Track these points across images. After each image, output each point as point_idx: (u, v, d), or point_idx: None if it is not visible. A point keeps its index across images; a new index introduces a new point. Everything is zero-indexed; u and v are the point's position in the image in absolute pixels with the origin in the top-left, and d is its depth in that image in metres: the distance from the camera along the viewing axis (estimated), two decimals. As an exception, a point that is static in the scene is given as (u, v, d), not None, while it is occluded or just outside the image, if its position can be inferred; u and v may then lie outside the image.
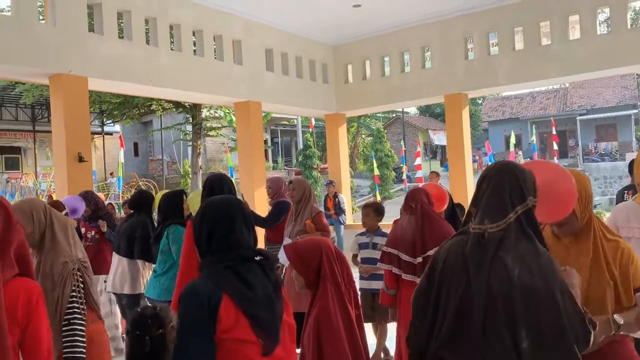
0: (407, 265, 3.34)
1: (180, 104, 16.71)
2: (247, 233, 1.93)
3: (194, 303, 1.75)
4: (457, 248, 1.85)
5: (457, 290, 1.79)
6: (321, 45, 10.56)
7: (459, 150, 9.72)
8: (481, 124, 38.15)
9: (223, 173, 3.92)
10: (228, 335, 1.75)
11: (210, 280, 1.80)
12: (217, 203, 1.99)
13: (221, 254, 1.87)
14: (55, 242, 2.48)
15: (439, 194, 3.65)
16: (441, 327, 1.79)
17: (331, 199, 11.04)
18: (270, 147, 29.64)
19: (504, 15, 9.10)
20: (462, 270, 1.79)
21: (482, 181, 1.89)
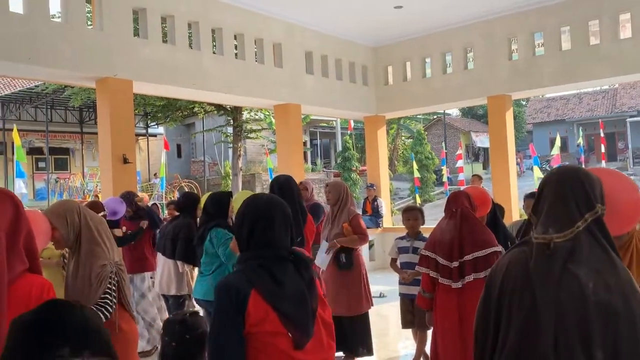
0: (444, 269, 3.29)
1: (222, 106, 16.94)
2: (285, 234, 1.97)
3: (225, 297, 1.81)
4: (517, 260, 1.69)
5: (520, 306, 1.63)
6: (361, 47, 10.52)
7: (503, 152, 9.49)
8: (525, 125, 37.25)
9: (290, 176, 4.01)
10: (258, 328, 1.79)
11: (242, 275, 1.85)
12: (260, 201, 2.02)
13: (258, 252, 1.91)
14: (93, 244, 2.52)
15: (482, 198, 3.56)
16: (504, 346, 1.65)
17: (370, 202, 10.99)
18: (309, 149, 29.73)
19: (550, 15, 8.84)
20: (524, 284, 1.64)
21: (544, 187, 1.75)
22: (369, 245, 10.23)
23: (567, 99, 36.87)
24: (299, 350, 1.85)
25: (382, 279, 8.25)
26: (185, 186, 22.09)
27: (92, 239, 2.52)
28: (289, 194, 3.84)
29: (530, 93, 10.76)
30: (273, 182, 3.94)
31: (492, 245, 3.20)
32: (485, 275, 3.18)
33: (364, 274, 5.04)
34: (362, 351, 5.06)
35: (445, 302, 3.34)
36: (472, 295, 3.22)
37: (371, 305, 5.08)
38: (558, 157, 22.11)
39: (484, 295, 1.79)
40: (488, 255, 3.18)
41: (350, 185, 22.75)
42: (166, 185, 20.50)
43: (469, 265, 3.20)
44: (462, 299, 3.25)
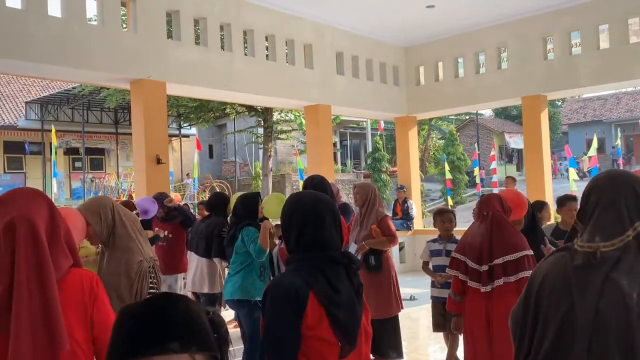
0: (473, 272, 3.24)
1: (253, 107, 17.07)
2: (335, 233, 1.88)
3: (284, 296, 1.74)
4: (557, 267, 1.62)
5: (556, 314, 1.57)
6: (392, 47, 10.44)
7: (537, 154, 9.28)
8: (560, 126, 36.37)
9: (323, 177, 3.95)
10: (311, 332, 1.74)
11: (298, 276, 1.78)
12: (307, 200, 1.93)
13: (310, 253, 1.83)
14: (128, 239, 2.54)
15: (518, 201, 3.46)
16: (538, 352, 1.60)
17: (400, 204, 10.89)
18: (339, 150, 29.69)
19: (588, 13, 8.60)
20: (563, 291, 1.57)
21: (590, 193, 1.66)
22: (399, 248, 10.14)
23: (605, 99, 35.84)
24: (343, 359, 1.79)
25: (412, 282, 8.16)
26: (217, 186, 22.33)
27: (126, 235, 2.55)
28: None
29: (566, 93, 10.50)
30: (307, 182, 3.86)
31: (522, 249, 3.12)
32: (515, 279, 3.11)
33: (393, 276, 4.99)
34: (392, 354, 5.01)
35: (474, 306, 3.29)
36: (501, 300, 3.16)
37: (401, 308, 5.02)
38: (595, 159, 21.51)
39: (521, 300, 1.74)
40: (518, 259, 3.11)
41: (381, 186, 22.61)
42: (198, 185, 20.78)
43: (499, 268, 3.13)
44: (491, 303, 3.19)
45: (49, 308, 1.55)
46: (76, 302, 1.70)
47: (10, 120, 22.09)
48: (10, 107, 23.09)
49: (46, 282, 1.57)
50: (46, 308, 1.54)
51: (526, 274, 3.09)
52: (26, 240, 1.58)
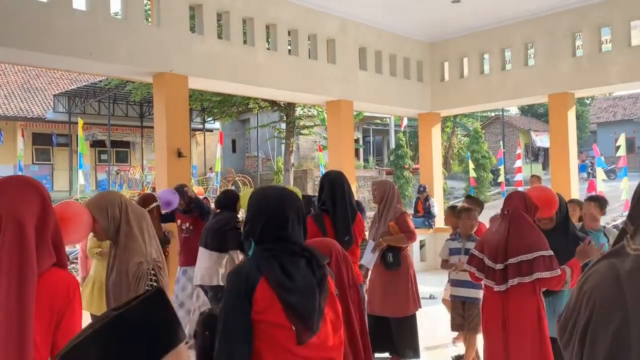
0: (489, 270, 3.18)
1: (276, 102, 17.10)
2: (298, 228, 1.99)
3: (235, 282, 1.87)
4: (608, 273, 1.50)
5: (608, 324, 1.44)
6: (417, 42, 10.31)
7: (564, 153, 9.07)
8: (589, 125, 35.61)
9: (340, 172, 4.00)
10: (262, 316, 1.82)
11: (253, 263, 1.89)
12: (271, 197, 2.04)
13: (271, 245, 1.94)
14: (131, 239, 2.50)
15: (546, 198, 3.36)
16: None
17: (422, 202, 10.79)
18: (361, 146, 29.58)
19: (619, 8, 8.35)
20: (616, 301, 1.44)
21: None
22: (419, 246, 10.04)
23: (636, 98, 34.93)
24: (301, 345, 1.83)
25: (432, 280, 8.07)
26: (239, 181, 22.47)
27: (129, 234, 2.51)
28: (340, 190, 3.78)
29: (595, 91, 10.24)
30: (323, 177, 3.91)
31: (539, 249, 3.04)
32: (530, 280, 3.03)
33: (412, 274, 4.93)
34: (409, 353, 4.96)
35: (490, 305, 3.24)
36: (517, 300, 3.10)
37: (419, 307, 4.97)
38: (624, 158, 20.98)
39: (569, 308, 1.60)
40: (534, 260, 3.03)
41: (403, 183, 22.46)
42: (221, 179, 20.93)
43: (513, 268, 3.06)
44: (507, 303, 3.12)
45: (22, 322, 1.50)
46: (43, 304, 1.62)
47: (39, 113, 22.55)
48: (39, 99, 23.57)
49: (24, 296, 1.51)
50: (20, 321, 1.49)
51: (542, 275, 3.01)
52: (11, 244, 1.54)
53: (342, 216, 3.73)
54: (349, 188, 3.86)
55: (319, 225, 3.67)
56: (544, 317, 3.10)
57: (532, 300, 3.09)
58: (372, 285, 4.94)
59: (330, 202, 3.76)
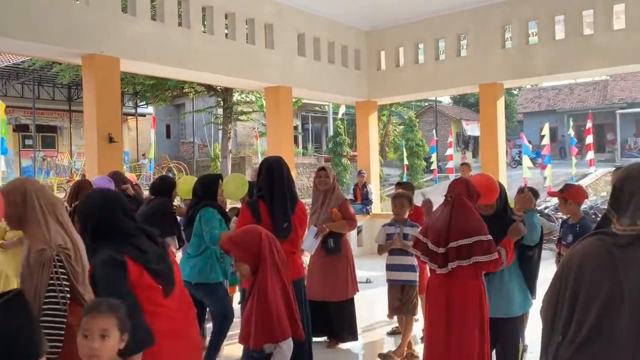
0: (432, 253, 3.30)
1: (212, 87, 16.77)
2: (127, 219, 2.44)
3: (109, 264, 2.26)
4: (597, 248, 1.76)
5: (599, 291, 1.70)
6: (354, 30, 10.39)
7: (493, 141, 9.47)
8: (516, 115, 37.31)
9: (280, 157, 3.85)
10: (137, 282, 2.29)
11: (111, 249, 2.30)
12: (96, 200, 2.48)
13: (111, 237, 2.36)
14: (34, 226, 2.34)
15: (487, 186, 3.50)
16: (579, 331, 1.72)
17: (360, 189, 10.97)
18: (300, 133, 29.60)
19: (545, 4, 8.77)
20: (608, 270, 1.71)
21: (624, 181, 1.80)
22: (357, 231, 10.21)
23: (559, 90, 36.90)
24: (167, 297, 2.40)
25: (369, 265, 8.25)
26: (174, 167, 21.94)
27: (33, 220, 2.35)
28: (278, 176, 3.65)
29: (522, 82, 10.72)
30: (262, 163, 3.77)
31: (478, 234, 3.17)
32: (468, 263, 3.17)
33: (350, 259, 5.02)
34: (347, 337, 5.06)
35: (434, 287, 3.36)
36: (459, 283, 3.23)
37: (357, 291, 5.07)
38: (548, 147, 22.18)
39: (555, 285, 1.85)
40: (473, 244, 3.17)
41: (341, 170, 22.70)
42: (155, 166, 20.34)
43: (453, 252, 3.19)
44: (449, 286, 3.25)
45: None
46: None
47: (-46, 94, 20.98)
48: (-46, 80, 21.92)
49: None
50: None
51: (480, 258, 3.14)
52: None
53: (280, 203, 3.59)
54: (289, 174, 3.73)
55: (254, 212, 3.54)
56: (484, 299, 3.25)
57: (474, 283, 3.23)
58: (312, 270, 4.99)
59: (268, 189, 3.61)
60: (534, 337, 5.04)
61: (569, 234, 4.41)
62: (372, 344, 5.43)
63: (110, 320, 1.96)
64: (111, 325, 1.96)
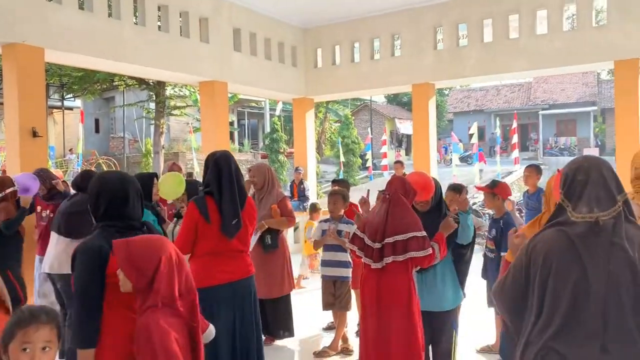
0: (368, 249, 3.36)
1: (144, 80, 16.26)
2: (137, 206, 2.42)
3: (88, 258, 2.24)
4: (560, 239, 1.87)
5: (567, 279, 1.81)
6: (291, 27, 10.38)
7: (424, 140, 9.76)
8: (446, 114, 38.61)
9: (227, 152, 3.66)
10: (112, 279, 2.21)
11: (102, 238, 2.29)
12: (114, 179, 2.43)
13: (114, 222, 2.35)
14: None
15: (423, 183, 3.60)
16: (551, 319, 1.82)
17: (297, 186, 10.99)
18: (236, 129, 29.25)
19: (474, 7, 9.12)
20: (572, 259, 1.82)
21: (576, 173, 1.93)
22: (294, 228, 10.23)
23: (487, 91, 38.53)
24: None
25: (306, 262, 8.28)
26: (104, 163, 21.12)
27: None
28: (227, 171, 3.47)
29: (453, 83, 11.09)
30: (209, 157, 3.55)
31: (413, 230, 3.27)
32: (403, 258, 3.25)
33: (287, 255, 5.03)
34: (284, 334, 5.07)
35: (368, 282, 3.42)
36: (391, 277, 3.31)
37: (293, 287, 5.09)
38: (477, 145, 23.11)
39: (519, 276, 1.94)
40: (408, 240, 3.26)
41: (278, 167, 22.65)
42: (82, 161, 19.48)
43: (389, 247, 3.27)
44: (382, 280, 3.32)
45: None
46: None
47: None
48: None
49: None
50: None
51: (415, 254, 3.24)
52: None
53: (229, 199, 3.42)
54: (237, 168, 3.55)
55: (201, 209, 3.36)
56: (414, 293, 3.34)
57: (404, 278, 3.32)
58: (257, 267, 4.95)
59: (216, 184, 3.43)
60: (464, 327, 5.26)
61: (493, 228, 4.64)
62: (308, 339, 5.46)
63: (53, 330, 1.87)
64: (53, 335, 1.87)
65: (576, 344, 1.77)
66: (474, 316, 5.42)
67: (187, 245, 3.35)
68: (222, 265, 3.38)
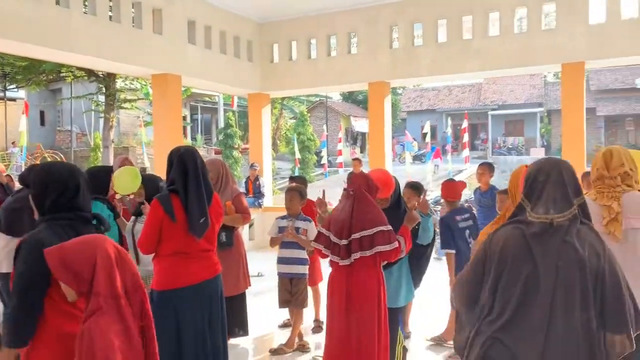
0: (335, 246, 3.34)
1: (93, 72, 15.71)
2: (88, 198, 2.36)
3: (35, 249, 2.10)
4: (515, 236, 1.95)
5: (519, 275, 1.89)
6: (247, 21, 10.25)
7: (380, 138, 9.84)
8: (400, 113, 39.19)
9: (192, 147, 3.50)
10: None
11: (49, 232, 2.19)
12: (63, 169, 2.34)
13: (64, 213, 2.25)
14: None
15: (384, 180, 3.62)
16: (502, 312, 1.90)
17: (252, 182, 10.88)
18: (189, 124, 28.72)
19: (429, 7, 9.25)
20: (525, 256, 1.91)
21: (537, 174, 2.00)
22: (249, 225, 10.13)
23: (439, 90, 39.36)
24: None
25: (260, 259, 8.21)
26: (49, 157, 20.32)
27: None
28: (192, 167, 3.31)
29: (408, 82, 11.24)
30: (173, 152, 3.38)
31: (379, 225, 3.28)
32: (371, 253, 3.26)
33: (243, 253, 4.95)
34: (238, 332, 4.99)
35: (335, 279, 3.41)
36: (360, 274, 3.30)
37: (249, 285, 5.02)
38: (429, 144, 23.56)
39: (476, 269, 2.02)
40: (374, 235, 3.27)
41: (232, 163, 22.39)
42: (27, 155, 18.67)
43: (356, 243, 3.27)
44: (351, 277, 3.32)
45: None
46: None
47: None
48: None
49: None
50: None
51: (382, 248, 3.25)
52: None
53: (196, 196, 3.26)
54: (203, 164, 3.41)
55: (166, 208, 3.20)
56: (383, 289, 3.35)
57: (373, 273, 3.32)
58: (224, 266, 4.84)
59: (181, 181, 3.27)
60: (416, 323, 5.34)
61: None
62: (263, 338, 5.41)
63: None
64: None
65: (522, 336, 1.85)
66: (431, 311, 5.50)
67: (151, 245, 3.23)
68: (188, 266, 3.25)
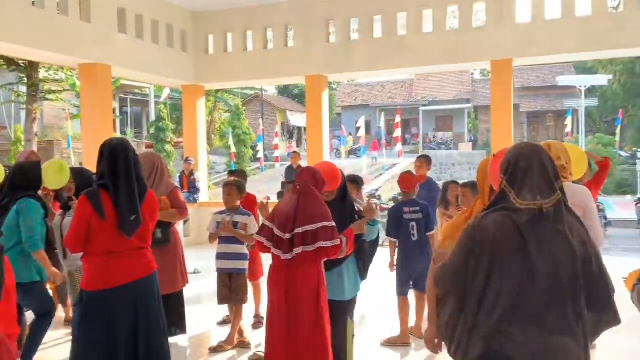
0: (278, 239, 3.31)
1: (13, 61, 14.75)
2: None
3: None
4: (507, 225, 1.91)
5: (513, 265, 1.87)
6: (180, 10, 9.95)
7: (318, 132, 9.87)
8: (335, 108, 39.57)
9: (125, 140, 3.32)
10: None
11: None
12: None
13: None
14: None
15: (331, 173, 3.62)
16: (497, 303, 1.87)
17: (187, 177, 10.61)
18: (118, 117, 27.59)
19: (365, 2, 9.35)
20: (518, 245, 1.88)
21: (518, 160, 1.97)
22: (184, 221, 9.88)
23: (372, 86, 40.04)
24: None
25: (197, 255, 8.03)
26: (-37, 151, 18.90)
27: None
28: (124, 161, 3.13)
29: (344, 76, 11.32)
30: (103, 145, 3.19)
31: (323, 220, 3.26)
32: (313, 249, 3.24)
33: (180, 249, 4.81)
34: (176, 331, 4.85)
35: (276, 274, 3.38)
36: (300, 269, 3.27)
37: (187, 283, 4.88)
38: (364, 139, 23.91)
39: (464, 259, 1.96)
40: (317, 230, 3.25)
41: (165, 157, 21.73)
42: (-64, 149, 17.31)
43: (299, 237, 3.25)
44: (291, 271, 3.29)
45: None
46: None
47: None
48: None
49: None
50: None
51: (324, 244, 3.23)
52: None
53: (126, 193, 3.09)
54: (136, 158, 3.22)
55: (94, 204, 3.04)
56: (322, 284, 3.34)
57: (313, 268, 3.31)
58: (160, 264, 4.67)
59: (111, 176, 3.10)
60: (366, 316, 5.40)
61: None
62: (201, 336, 5.29)
63: None
64: None
65: (523, 327, 1.86)
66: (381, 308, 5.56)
67: (78, 244, 3.05)
68: (119, 265, 3.07)
